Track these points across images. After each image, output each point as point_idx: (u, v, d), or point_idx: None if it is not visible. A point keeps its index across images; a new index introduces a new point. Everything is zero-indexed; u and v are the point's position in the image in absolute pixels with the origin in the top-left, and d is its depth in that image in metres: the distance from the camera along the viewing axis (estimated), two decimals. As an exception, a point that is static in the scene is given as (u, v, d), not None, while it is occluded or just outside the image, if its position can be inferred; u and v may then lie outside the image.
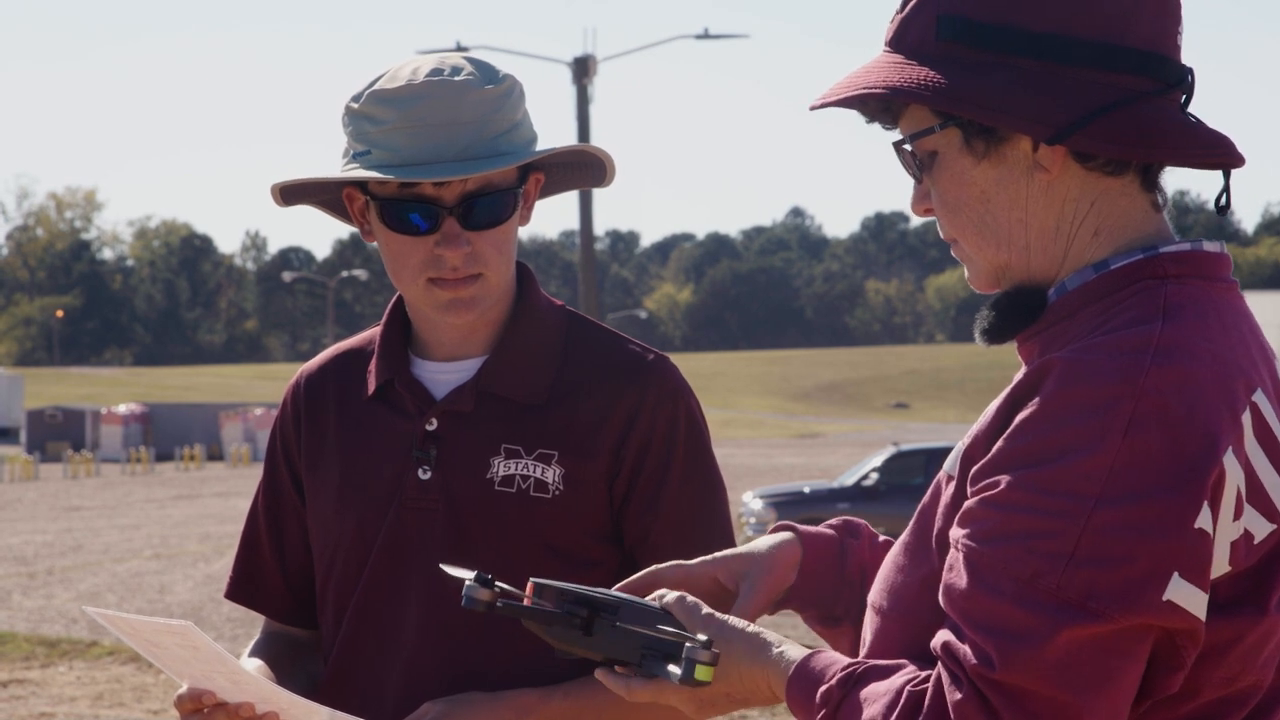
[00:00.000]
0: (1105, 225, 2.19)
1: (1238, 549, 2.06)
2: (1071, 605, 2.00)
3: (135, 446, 61.50)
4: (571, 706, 2.92)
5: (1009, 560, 2.02)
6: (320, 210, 3.11)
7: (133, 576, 21.53)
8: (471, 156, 2.91)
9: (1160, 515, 2.00)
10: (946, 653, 2.05)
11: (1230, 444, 2.04)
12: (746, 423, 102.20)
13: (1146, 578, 2.00)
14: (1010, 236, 2.19)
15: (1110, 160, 2.16)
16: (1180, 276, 2.15)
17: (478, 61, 2.99)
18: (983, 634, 2.03)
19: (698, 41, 36.72)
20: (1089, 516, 2.01)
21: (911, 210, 2.29)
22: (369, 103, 2.94)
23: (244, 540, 3.19)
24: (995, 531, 2.04)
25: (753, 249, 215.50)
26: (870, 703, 2.09)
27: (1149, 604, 2.00)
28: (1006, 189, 2.18)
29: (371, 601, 3.01)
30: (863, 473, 25.79)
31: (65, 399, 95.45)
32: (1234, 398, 2.07)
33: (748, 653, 2.21)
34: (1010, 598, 2.02)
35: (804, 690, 2.16)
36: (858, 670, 2.13)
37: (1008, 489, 2.05)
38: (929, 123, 2.20)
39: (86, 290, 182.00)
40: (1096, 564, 2.00)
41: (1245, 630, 2.08)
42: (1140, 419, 2.02)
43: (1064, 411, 2.04)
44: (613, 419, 2.98)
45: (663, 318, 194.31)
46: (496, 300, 3.01)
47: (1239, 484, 2.05)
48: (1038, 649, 2.01)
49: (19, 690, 13.50)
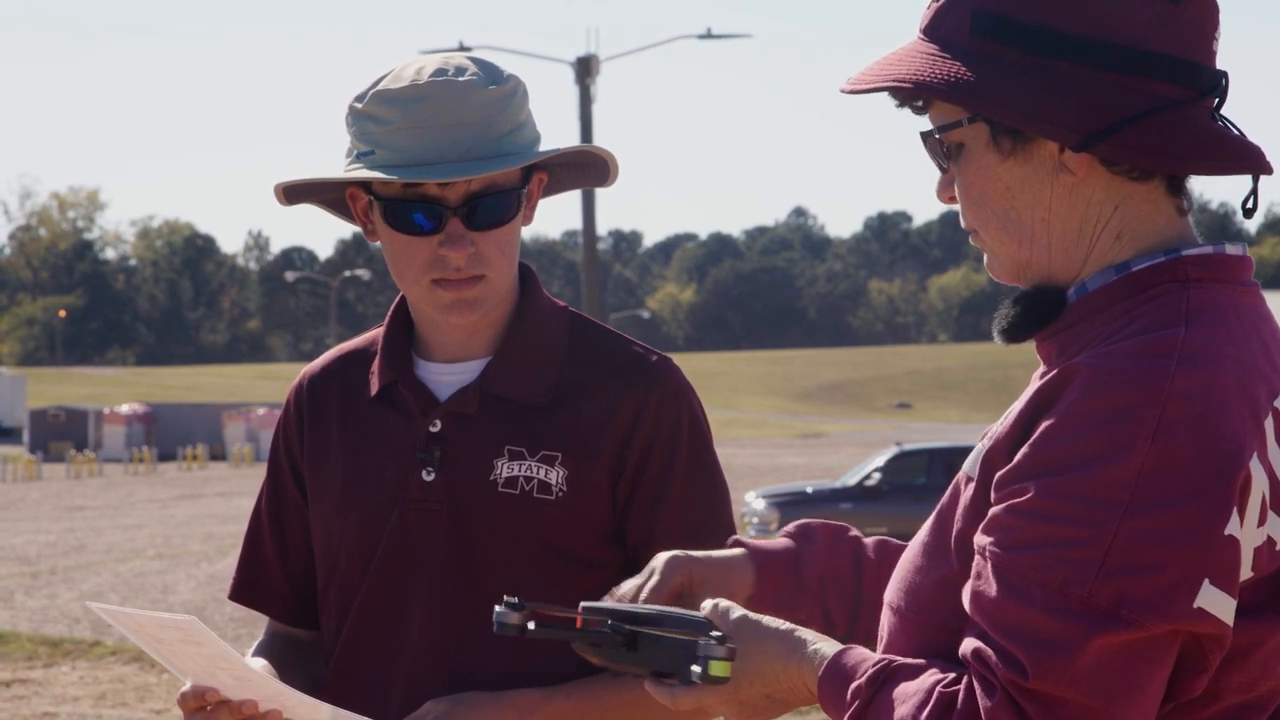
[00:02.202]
0: (1128, 229, 2.17)
1: (1260, 555, 2.06)
2: (1103, 613, 1.99)
3: (138, 446, 61.50)
4: (574, 706, 2.92)
5: (1038, 568, 2.01)
6: (323, 209, 3.11)
7: (135, 576, 21.53)
8: (475, 157, 2.91)
9: (1190, 522, 2.00)
10: (978, 659, 2.04)
11: (1255, 449, 2.03)
12: (749, 423, 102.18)
13: (1178, 585, 1.99)
14: (1033, 234, 2.18)
15: (1136, 168, 2.14)
16: (1202, 280, 2.13)
17: (482, 62, 2.99)
18: (1014, 642, 2.02)
19: (700, 41, 36.72)
20: (1118, 524, 2.00)
21: (937, 197, 2.28)
22: (373, 103, 2.94)
23: (247, 541, 3.19)
24: (1023, 540, 2.03)
25: (755, 249, 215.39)
26: (901, 702, 2.09)
27: (1180, 611, 2.00)
28: (1031, 188, 2.17)
29: (375, 602, 3.01)
30: (865, 472, 25.77)
31: (68, 399, 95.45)
32: (1256, 403, 2.06)
33: (782, 652, 2.21)
34: (1041, 606, 2.01)
35: (835, 687, 2.16)
36: (889, 667, 2.13)
37: (1035, 497, 2.04)
38: (957, 116, 2.19)
39: (89, 290, 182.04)
40: (1127, 572, 1.99)
41: (1266, 635, 2.08)
42: (1167, 425, 2.01)
43: (1090, 418, 2.03)
44: (616, 420, 2.98)
45: (665, 318, 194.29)
46: (499, 301, 3.01)
47: (1264, 490, 2.04)
48: (1070, 657, 2.00)
49: (22, 690, 13.51)
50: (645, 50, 37.11)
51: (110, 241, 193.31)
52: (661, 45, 40.44)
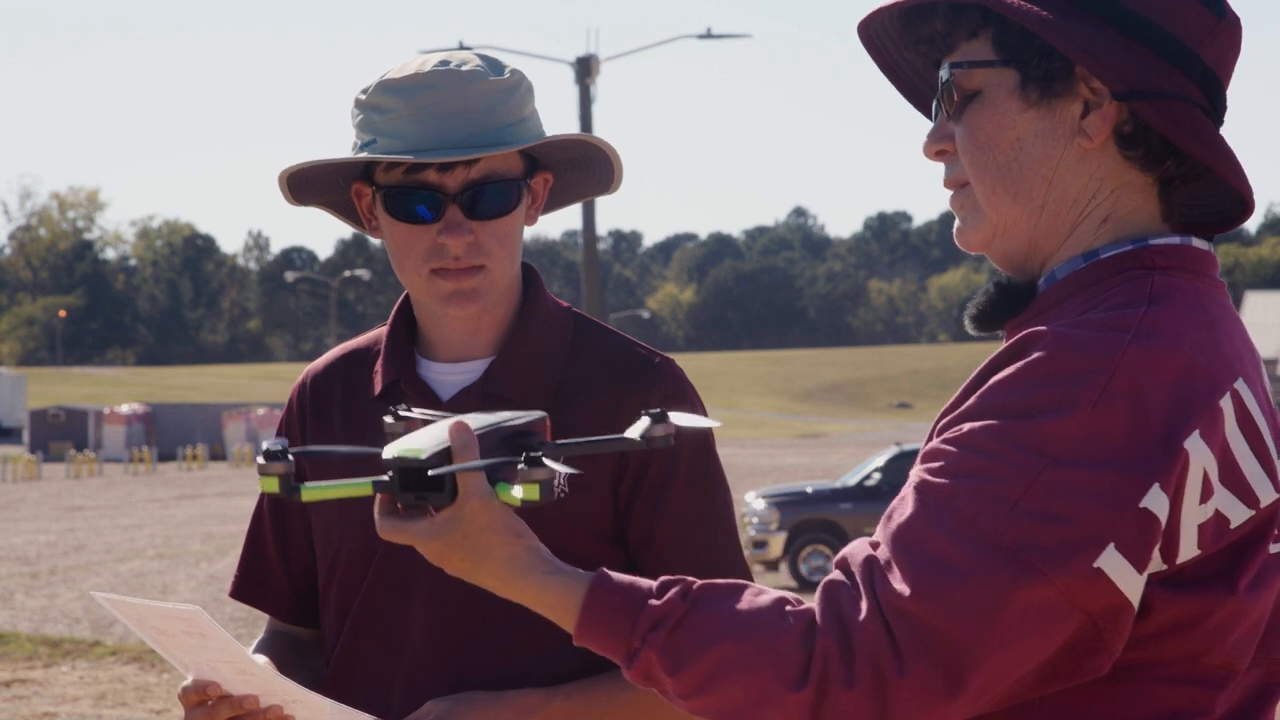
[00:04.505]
0: (1116, 215, 2.22)
1: (1206, 531, 2.09)
2: (1004, 551, 2.02)
3: (138, 446, 61.51)
4: (575, 707, 2.92)
5: (956, 495, 2.05)
6: (329, 213, 3.11)
7: (135, 576, 21.54)
8: (477, 145, 2.92)
9: (1109, 487, 2.04)
10: (865, 568, 2.06)
11: (1200, 428, 2.07)
12: (749, 423, 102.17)
13: (1083, 541, 2.03)
14: (1030, 190, 2.21)
15: (1149, 154, 2.19)
16: (1169, 269, 2.18)
17: (486, 56, 2.99)
18: (908, 558, 2.05)
19: (700, 41, 36.72)
20: (1042, 473, 2.04)
21: (923, 149, 2.29)
22: (377, 93, 2.94)
23: (249, 540, 3.19)
24: (949, 469, 2.07)
25: (755, 249, 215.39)
26: (740, 618, 2.07)
27: (1079, 566, 2.03)
28: (1044, 143, 2.20)
29: (375, 602, 3.01)
30: (865, 472, 25.76)
31: (68, 399, 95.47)
32: (1212, 384, 2.10)
33: (527, 562, 2.17)
34: (947, 531, 2.04)
35: (617, 602, 2.12)
36: (699, 584, 2.12)
37: (971, 433, 2.08)
38: (988, 57, 2.21)
39: (89, 290, 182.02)
40: (1037, 517, 2.03)
41: (1212, 608, 2.10)
42: (1111, 393, 2.06)
43: (1040, 376, 2.08)
44: (618, 421, 2.97)
45: (665, 318, 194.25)
46: (501, 299, 3.01)
47: (1206, 467, 2.08)
48: (957, 586, 2.02)
49: (22, 690, 13.51)
50: (645, 50, 37.14)
51: (110, 241, 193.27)
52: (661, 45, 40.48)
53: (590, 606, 2.13)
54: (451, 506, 2.16)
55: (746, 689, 2.06)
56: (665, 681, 2.10)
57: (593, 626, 2.13)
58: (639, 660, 2.10)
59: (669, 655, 2.08)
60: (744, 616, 2.08)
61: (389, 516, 2.20)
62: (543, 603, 2.17)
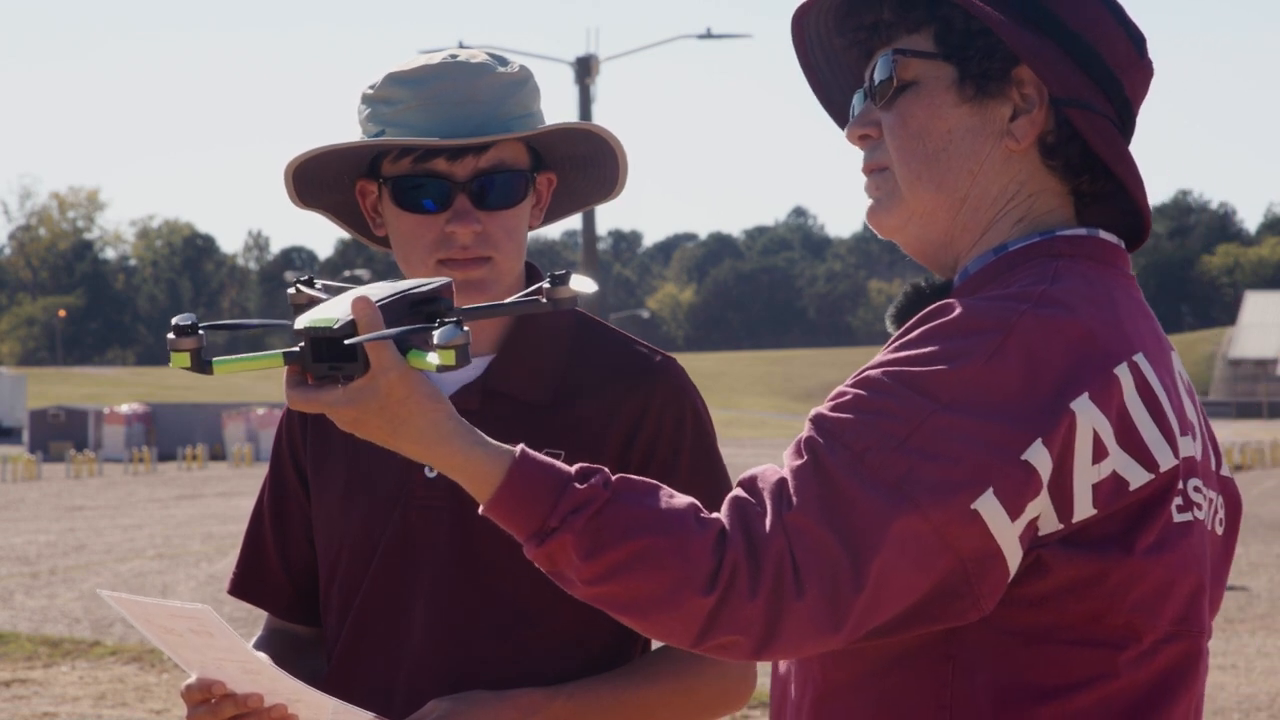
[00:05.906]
0: (1030, 217, 2.35)
1: (1102, 491, 2.19)
2: (887, 485, 2.13)
3: (138, 446, 61.49)
4: (576, 707, 2.92)
5: (848, 428, 2.16)
6: (331, 219, 3.11)
7: (135, 576, 21.54)
8: (486, 133, 2.93)
9: (994, 436, 2.14)
10: (776, 490, 2.15)
11: (1090, 391, 2.17)
12: (749, 422, 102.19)
13: (963, 482, 2.13)
14: (955, 182, 2.34)
15: (1068, 165, 2.32)
16: (1074, 255, 2.31)
17: (493, 53, 3.02)
18: (808, 486, 2.14)
19: (700, 41, 36.76)
20: (931, 415, 2.15)
21: (846, 134, 2.41)
22: (385, 86, 2.96)
23: (248, 537, 3.20)
24: (847, 405, 2.19)
25: (755, 249, 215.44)
26: (660, 516, 2.14)
27: (957, 505, 2.12)
28: (973, 139, 2.33)
29: (377, 600, 3.01)
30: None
31: (68, 399, 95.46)
32: (1106, 353, 2.20)
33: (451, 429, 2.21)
34: (841, 462, 2.15)
35: (540, 480, 2.17)
36: (619, 477, 2.18)
37: (870, 376, 2.20)
38: (930, 49, 2.34)
39: (89, 290, 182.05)
40: (922, 455, 2.14)
41: (1111, 568, 2.20)
42: (1005, 351, 2.17)
43: (942, 333, 2.20)
44: (620, 419, 2.99)
45: (665, 318, 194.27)
46: (505, 294, 3.01)
47: (1097, 428, 2.17)
48: (846, 511, 2.12)
49: (21, 690, 13.51)
50: (645, 50, 37.15)
51: (110, 241, 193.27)
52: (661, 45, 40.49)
53: (512, 479, 2.17)
54: (366, 377, 2.18)
55: (655, 584, 2.13)
56: (573, 563, 2.15)
57: (509, 500, 2.17)
58: (552, 540, 2.15)
59: (586, 538, 2.14)
60: (663, 515, 2.15)
61: (298, 387, 2.22)
62: (463, 470, 2.20)
